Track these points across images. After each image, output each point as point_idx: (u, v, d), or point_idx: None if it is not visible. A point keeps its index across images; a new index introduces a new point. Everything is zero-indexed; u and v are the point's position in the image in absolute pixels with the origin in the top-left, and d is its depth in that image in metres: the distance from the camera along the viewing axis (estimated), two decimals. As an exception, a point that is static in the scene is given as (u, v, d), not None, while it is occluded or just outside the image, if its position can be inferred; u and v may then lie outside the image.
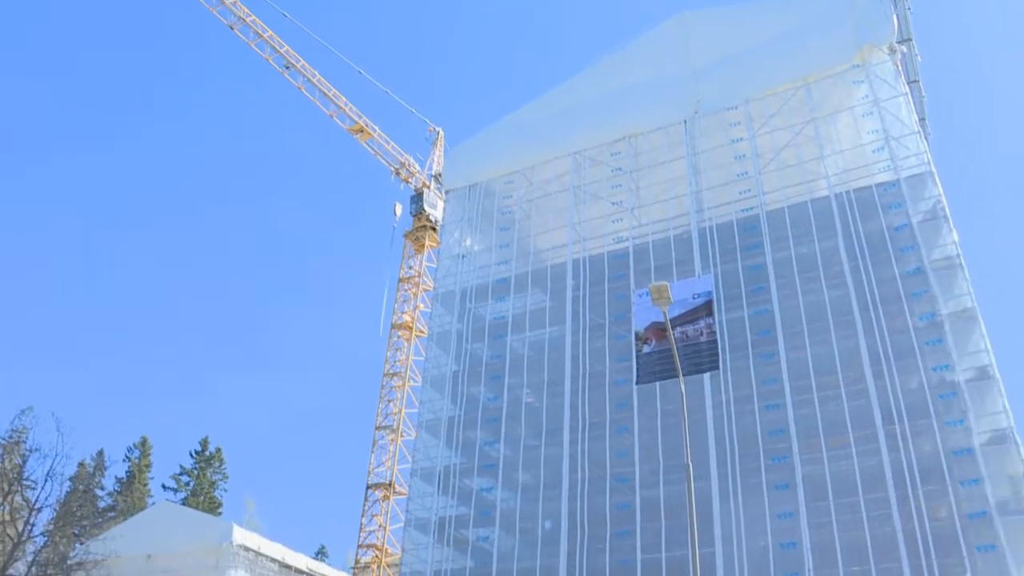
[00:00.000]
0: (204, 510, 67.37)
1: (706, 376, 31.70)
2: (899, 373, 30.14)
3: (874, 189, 34.69)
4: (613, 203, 39.19)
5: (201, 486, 75.21)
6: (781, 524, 29.24)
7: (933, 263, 32.13)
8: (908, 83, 37.86)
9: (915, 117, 36.50)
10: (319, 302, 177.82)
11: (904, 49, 38.21)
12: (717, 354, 30.33)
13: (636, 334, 30.61)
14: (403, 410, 53.78)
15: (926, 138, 37.99)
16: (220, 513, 72.28)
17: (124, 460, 74.78)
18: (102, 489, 66.47)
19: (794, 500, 29.38)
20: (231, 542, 49.13)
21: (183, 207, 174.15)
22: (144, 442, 76.68)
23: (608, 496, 32.47)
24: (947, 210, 33.38)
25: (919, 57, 40.56)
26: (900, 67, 37.15)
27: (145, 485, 74.21)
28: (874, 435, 29.43)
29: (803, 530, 28.88)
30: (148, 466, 75.81)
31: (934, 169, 34.68)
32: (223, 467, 77.97)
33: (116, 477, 72.74)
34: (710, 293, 31.11)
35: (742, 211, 36.35)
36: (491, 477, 36.63)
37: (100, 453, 66.08)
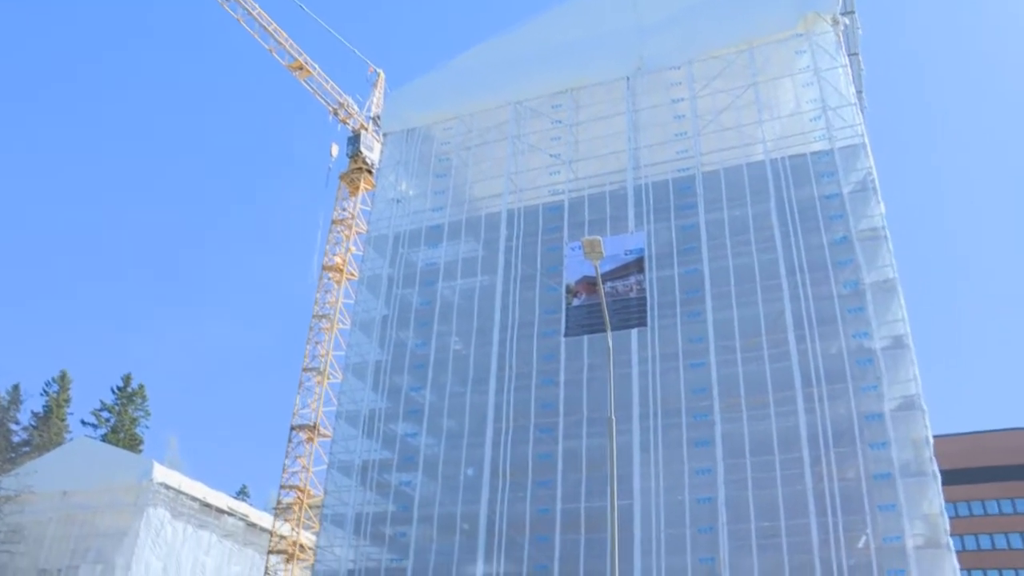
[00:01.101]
0: (124, 447, 66.46)
1: (633, 332, 32.08)
2: (820, 338, 30.90)
3: (808, 157, 35.21)
4: (551, 155, 39.10)
5: (122, 423, 74.08)
6: (699, 479, 29.93)
7: (860, 233, 32.88)
8: (848, 55, 38.34)
9: (852, 89, 37.02)
10: (250, 241, 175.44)
11: (847, 21, 38.65)
12: (645, 311, 30.70)
13: (567, 287, 30.79)
14: (330, 353, 53.43)
15: (862, 111, 38.63)
16: (141, 451, 71.39)
17: (42, 395, 73.20)
18: (17, 424, 64.99)
19: (712, 457, 30.09)
20: (151, 480, 48.54)
21: (110, 141, 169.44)
22: (63, 376, 75.05)
23: (531, 446, 32.81)
24: (876, 182, 34.13)
25: (860, 30, 41.11)
26: (841, 39, 37.59)
27: (63, 420, 72.79)
28: (793, 397, 30.21)
29: (719, 486, 29.63)
30: (67, 401, 74.33)
31: (867, 141, 35.36)
32: (145, 404, 76.92)
33: (32, 412, 71.26)
34: (642, 250, 31.40)
35: (678, 171, 36.60)
36: (416, 423, 36.69)
37: (16, 387, 64.59)
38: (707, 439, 30.38)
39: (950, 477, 33.07)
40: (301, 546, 50.99)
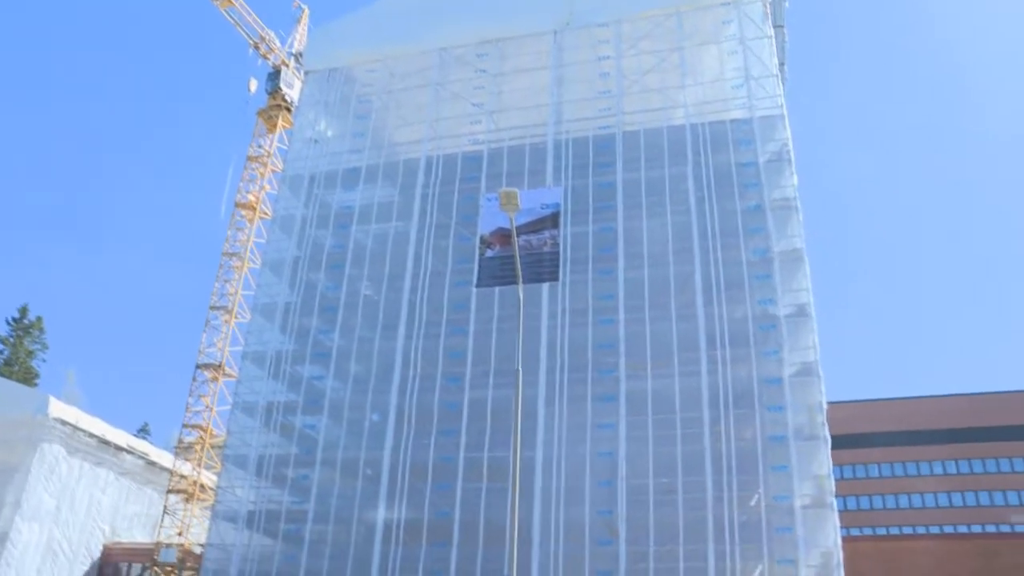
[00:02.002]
0: (19, 381, 64.24)
1: (545, 286, 32.22)
2: (727, 302, 31.58)
3: (728, 124, 35.69)
4: (474, 104, 38.72)
5: (17, 355, 71.66)
6: (601, 434, 30.47)
7: (772, 202, 33.57)
8: (774, 27, 38.76)
9: (775, 60, 37.55)
10: (160, 175, 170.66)
11: (774, -7, 39.09)
12: (558, 265, 30.62)
13: (481, 237, 30.53)
14: (240, 292, 52.37)
15: (783, 82, 39.20)
16: (37, 385, 69.23)
17: (-70, 325, 70.37)
18: (-100, 353, 62.37)
19: (616, 412, 30.64)
20: (46, 415, 47.00)
21: (21, 60, 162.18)
22: (-46, 307, 72.14)
23: (437, 394, 32.89)
24: (792, 153, 34.81)
25: (787, 3, 41.62)
26: (768, 10, 38.03)
27: (-47, 352, 70.17)
28: (697, 358, 30.88)
29: (621, 441, 30.23)
30: (-42, 333, 71.61)
31: (785, 113, 35.99)
32: (43, 337, 74.43)
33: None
34: (558, 205, 31.24)
35: (599, 128, 36.70)
36: (323, 366, 36.39)
37: (-99, 316, 61.87)
38: (611, 395, 30.89)
39: (839, 441, 34.33)
40: (202, 486, 50.36)
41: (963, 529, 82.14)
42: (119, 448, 52.42)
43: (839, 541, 28.91)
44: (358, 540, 32.06)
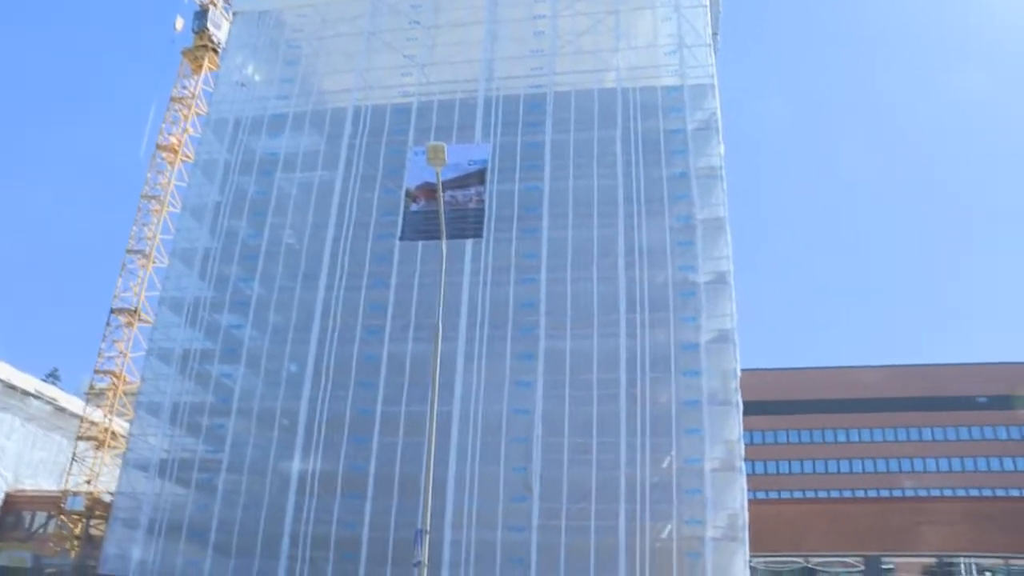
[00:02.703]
0: (-82, 322, 61.98)
1: (469, 242, 32.25)
2: (649, 267, 31.99)
3: (659, 91, 35.92)
4: (405, 56, 38.15)
5: (-84, 295, 69.15)
6: (519, 392, 30.74)
7: (698, 170, 33.98)
8: (709, -5, 38.95)
9: (709, 30, 37.84)
10: (77, 111, 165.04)
11: (711, -38, 39.21)
12: (482, 222, 30.81)
13: (406, 191, 30.40)
14: (158, 236, 50.93)
15: (715, 52, 39.48)
16: (-64, 328, 66.95)
17: None
18: None
19: (534, 371, 30.92)
20: (-54, 364, 45.56)
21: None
22: None
23: (356, 346, 32.76)
24: (719, 123, 35.26)
25: (723, -27, 41.82)
26: (704, -21, 38.15)
27: None
28: (616, 320, 31.28)
29: (538, 400, 30.54)
30: None
31: (716, 83, 36.32)
32: (-53, 275, 71.97)
33: None
34: (485, 162, 31.30)
35: (531, 87, 36.60)
36: (242, 314, 35.87)
37: None
38: (530, 353, 31.14)
39: (750, 408, 35.31)
40: (113, 433, 49.30)
41: (860, 493, 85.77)
42: (26, 393, 51.06)
43: (745, 504, 29.83)
44: (272, 491, 31.89)
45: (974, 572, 43.03)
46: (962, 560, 42.80)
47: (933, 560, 42.92)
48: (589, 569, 28.36)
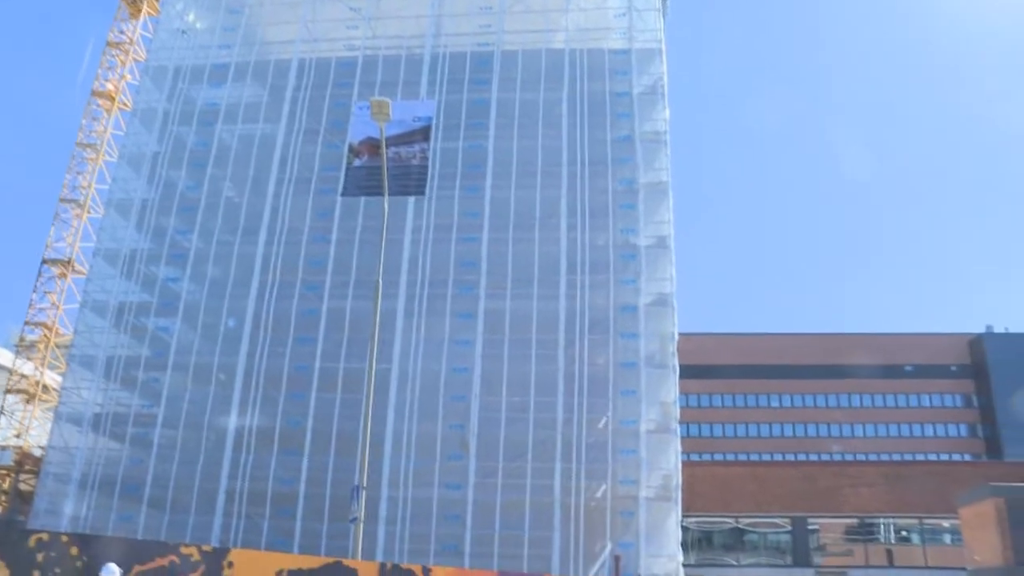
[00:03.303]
0: None
1: (411, 200, 32.11)
2: (591, 229, 32.20)
3: (606, 53, 35.91)
4: (351, 8, 37.52)
5: None
6: (458, 350, 30.85)
7: (642, 134, 34.15)
8: (660, -41, 38.88)
9: (659, -6, 37.78)
10: (9, 54, 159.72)
11: (663, -76, 39.12)
12: (425, 180, 30.61)
13: (350, 146, 29.99)
14: (93, 185, 49.74)
15: (664, 16, 39.53)
16: None
17: None
18: None
19: (473, 330, 31.04)
20: None
21: None
22: None
23: (296, 302, 32.51)
24: (666, 88, 35.35)
25: (675, -62, 41.73)
26: (657, -58, 38.05)
27: None
28: (557, 282, 31.49)
29: (477, 359, 30.72)
30: None
31: (664, 47, 36.41)
32: None
33: None
34: (430, 119, 31.00)
35: (478, 45, 36.32)
36: (179, 267, 35.34)
37: None
38: (470, 313, 31.25)
39: (686, 371, 35.96)
40: (44, 387, 48.48)
41: (790, 457, 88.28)
42: (-50, 345, 49.84)
43: (679, 465, 30.43)
44: (209, 446, 31.67)
45: (892, 531, 44.74)
46: (881, 520, 44.42)
47: (855, 521, 44.44)
48: (524, 526, 28.77)
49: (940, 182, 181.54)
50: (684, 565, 29.89)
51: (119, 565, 12.71)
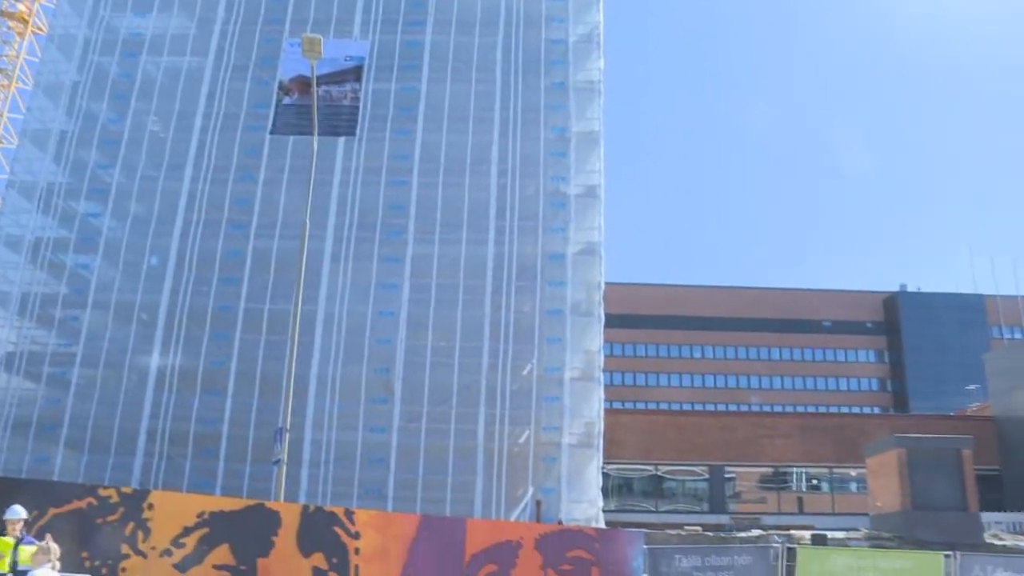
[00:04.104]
0: None
1: (341, 140, 31.62)
2: (521, 176, 32.17)
3: (543, 0, 35.50)
4: (285, -60, 36.50)
5: None
6: (384, 294, 30.75)
7: (576, 83, 34.09)
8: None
9: (598, -60, 37.40)
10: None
11: None
12: (356, 121, 30.19)
13: (280, 83, 29.40)
14: (6, 115, 47.92)
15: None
16: None
17: None
18: None
19: (400, 274, 30.93)
20: None
21: None
22: None
23: (221, 241, 31.90)
24: (601, 37, 35.28)
25: None
26: None
27: None
28: (486, 228, 31.49)
29: (403, 303, 30.65)
30: None
31: (601, -4, 36.20)
32: None
33: None
34: (363, 59, 30.50)
35: (414, -15, 35.67)
36: (100, 203, 34.30)
37: None
38: (398, 256, 31.11)
39: (611, 320, 36.42)
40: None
41: (710, 407, 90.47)
42: None
43: (602, 412, 30.98)
44: (129, 386, 31.10)
45: (803, 480, 46.42)
46: (794, 469, 46.01)
47: (770, 470, 45.93)
48: (447, 471, 29.05)
49: (863, 145, 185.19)
50: (604, 511, 30.58)
51: (33, 508, 12.46)
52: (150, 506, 13.61)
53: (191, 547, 13.69)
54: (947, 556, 18.66)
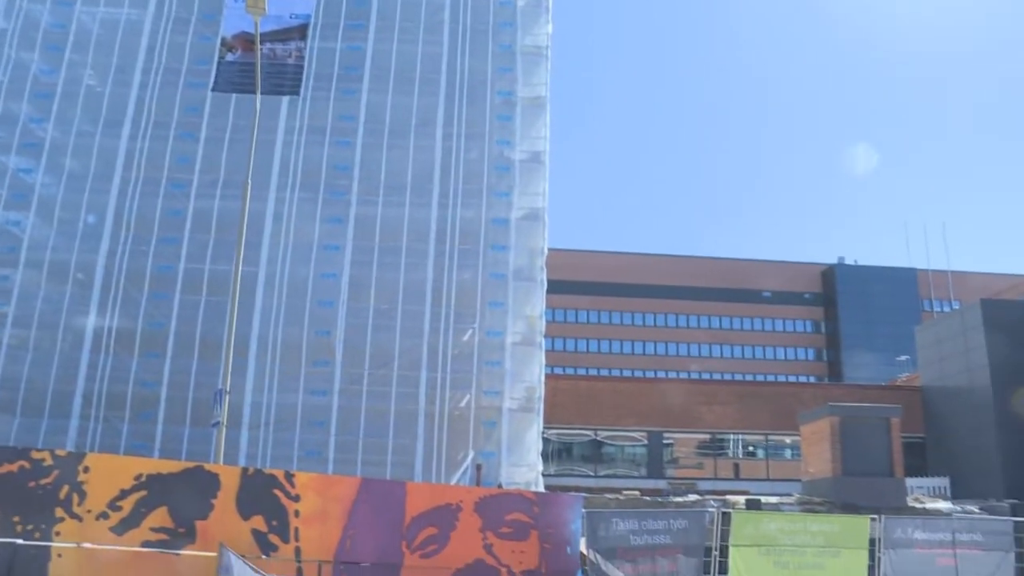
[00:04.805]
0: None
1: (285, 99, 31.12)
2: (466, 138, 31.96)
3: (493, -41, 35.12)
4: None
5: None
6: (327, 255, 30.42)
7: (524, 47, 33.85)
8: None
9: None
10: None
11: None
12: (301, 80, 29.80)
13: (223, 39, 28.88)
14: (-72, 64, 46.28)
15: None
16: None
17: None
18: None
19: (343, 236, 30.62)
20: None
21: None
22: None
23: (160, 200, 31.16)
24: (550, 1, 35.02)
25: None
26: None
27: None
28: (430, 191, 31.26)
29: (346, 264, 30.39)
30: None
31: (551, -41, 35.87)
32: None
33: None
34: (308, 17, 30.08)
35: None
36: (32, 158, 33.19)
37: None
38: (340, 217, 30.76)
39: (554, 286, 36.65)
40: None
41: (650, 374, 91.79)
42: None
43: (543, 377, 31.14)
44: (64, 347, 30.36)
45: (740, 447, 47.40)
46: (731, 436, 46.93)
47: (707, 436, 46.77)
48: (388, 434, 29.05)
49: (808, 118, 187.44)
50: (543, 475, 30.84)
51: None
52: (86, 469, 13.38)
53: (128, 510, 13.53)
54: (873, 519, 19.30)
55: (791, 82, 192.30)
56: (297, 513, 14.74)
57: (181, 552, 13.71)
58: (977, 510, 28.02)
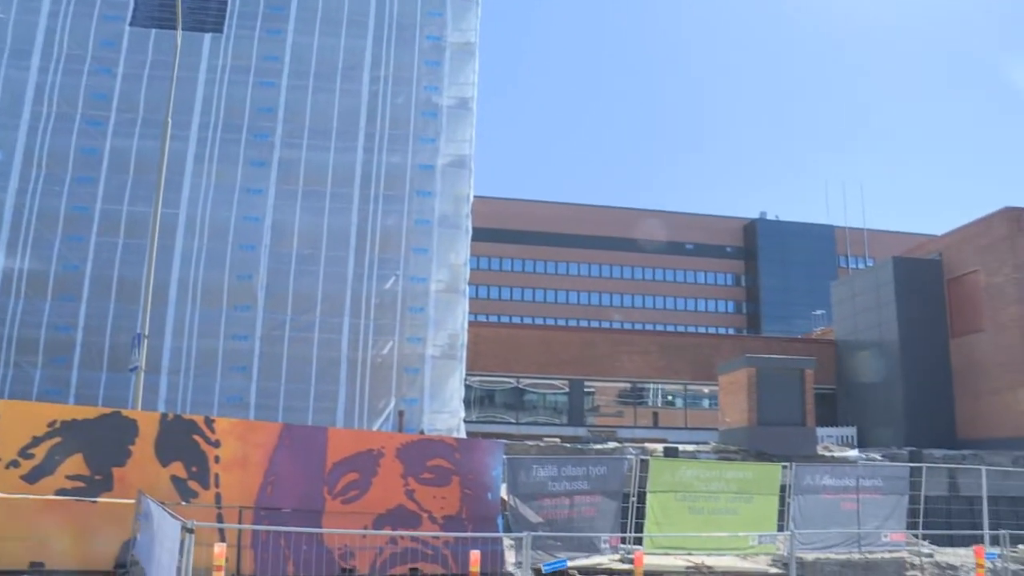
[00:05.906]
0: None
1: (207, 36, 30.14)
2: (394, 82, 31.50)
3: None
4: None
5: None
6: (249, 199, 29.81)
7: (453, -10, 33.34)
8: None
9: None
10: None
11: None
12: (224, 17, 28.90)
13: (141, -30, 27.84)
14: None
15: None
16: None
17: None
18: None
19: (266, 179, 30.01)
20: None
21: None
22: None
23: (75, 138, 29.98)
24: (480, -55, 34.48)
25: None
26: None
27: None
28: (356, 135, 30.79)
29: (268, 208, 29.86)
30: None
31: None
32: None
33: None
34: (230, -48, 29.12)
35: None
36: (-68, 90, 31.74)
37: None
38: (264, 160, 30.10)
39: (479, 234, 36.67)
40: None
41: (573, 323, 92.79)
42: None
43: (466, 325, 31.25)
44: (-28, 290, 29.38)
45: (660, 396, 48.42)
46: (651, 385, 47.85)
47: (628, 385, 47.61)
48: (311, 379, 28.90)
49: (739, 73, 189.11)
50: (466, 421, 31.08)
51: None
52: (-5, 415, 13.12)
53: (41, 457, 13.32)
54: (784, 467, 20.11)
55: (726, 35, 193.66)
56: (217, 459, 14.68)
57: (98, 499, 13.58)
58: (879, 457, 29.31)
